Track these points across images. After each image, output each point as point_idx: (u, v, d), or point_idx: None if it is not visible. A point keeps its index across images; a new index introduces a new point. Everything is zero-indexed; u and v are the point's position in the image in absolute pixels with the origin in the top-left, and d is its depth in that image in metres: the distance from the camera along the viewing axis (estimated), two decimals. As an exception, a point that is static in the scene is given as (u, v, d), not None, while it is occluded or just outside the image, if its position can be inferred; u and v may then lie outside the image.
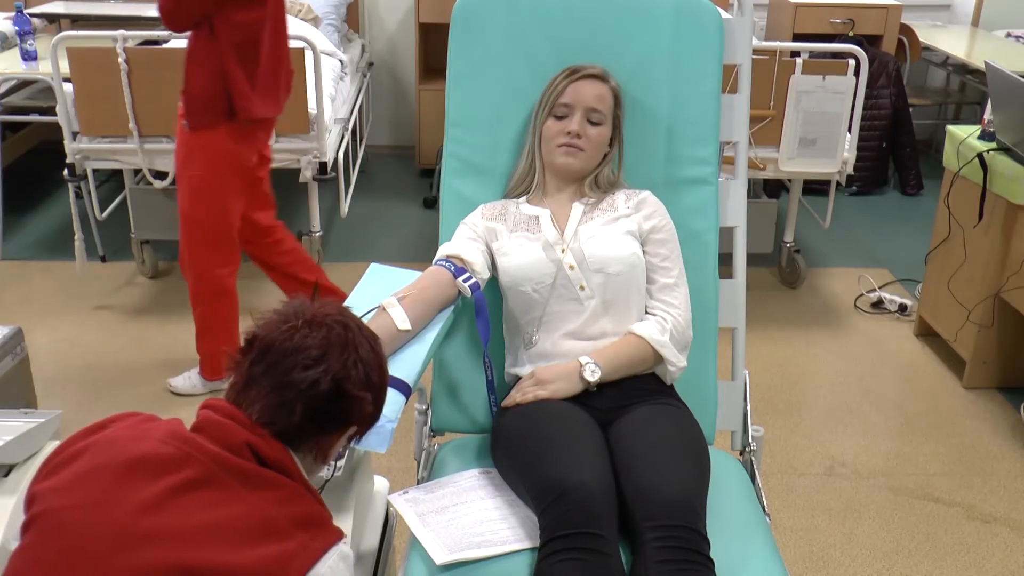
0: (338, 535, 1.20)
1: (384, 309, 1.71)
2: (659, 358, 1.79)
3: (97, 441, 1.18)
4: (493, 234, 1.89)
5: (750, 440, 1.99)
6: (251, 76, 2.66)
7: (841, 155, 3.45)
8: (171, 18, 2.57)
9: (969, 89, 5.39)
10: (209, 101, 2.65)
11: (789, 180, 3.89)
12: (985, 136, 3.05)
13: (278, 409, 1.21)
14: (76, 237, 3.61)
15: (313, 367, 1.21)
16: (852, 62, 3.34)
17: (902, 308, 3.67)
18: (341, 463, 1.57)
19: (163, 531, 1.09)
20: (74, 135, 3.38)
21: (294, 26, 4.05)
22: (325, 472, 1.55)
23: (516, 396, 1.76)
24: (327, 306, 1.28)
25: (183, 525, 1.09)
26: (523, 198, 1.96)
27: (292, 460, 1.22)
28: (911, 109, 4.88)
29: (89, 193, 3.59)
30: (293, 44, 3.36)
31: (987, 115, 3.06)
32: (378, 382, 1.29)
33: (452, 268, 1.81)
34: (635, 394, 1.77)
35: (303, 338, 1.22)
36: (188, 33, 2.60)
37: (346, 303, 1.79)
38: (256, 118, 2.73)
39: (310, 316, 1.25)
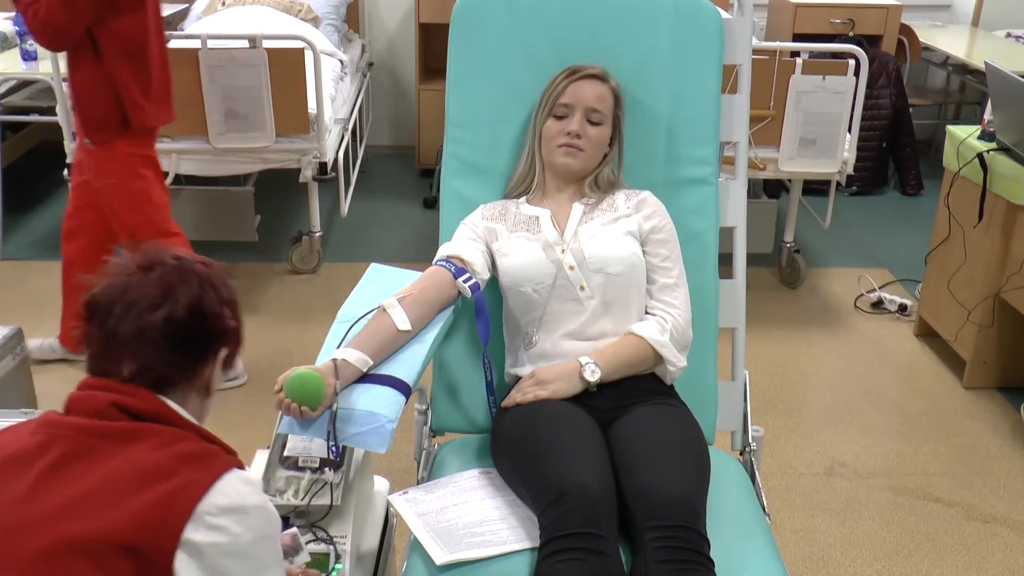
0: (231, 463, 1.16)
1: (384, 309, 1.71)
2: (659, 358, 1.79)
3: None
4: (493, 234, 1.89)
5: (750, 440, 1.99)
6: (144, 85, 2.64)
7: (841, 155, 3.45)
8: (50, 38, 2.52)
9: (969, 89, 5.39)
10: (103, 117, 2.64)
11: (789, 180, 3.89)
12: (985, 136, 3.05)
13: (146, 356, 1.19)
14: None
15: (163, 305, 1.19)
16: (852, 62, 3.34)
17: (902, 308, 3.67)
18: (333, 473, 1.57)
19: (40, 516, 1.08)
20: (74, 135, 3.37)
21: (294, 26, 4.06)
22: (330, 476, 1.55)
23: (516, 396, 1.76)
24: (151, 249, 1.27)
25: (58, 502, 1.09)
26: (523, 198, 1.96)
27: (167, 406, 1.20)
28: (911, 109, 4.88)
29: (89, 193, 3.59)
30: (293, 44, 3.38)
31: (987, 115, 3.06)
32: (229, 297, 1.28)
33: (452, 268, 1.81)
34: (635, 394, 1.77)
35: (140, 284, 1.20)
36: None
37: (346, 303, 1.80)
38: (152, 126, 2.73)
39: (139, 263, 1.23)
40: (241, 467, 1.18)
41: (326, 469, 1.59)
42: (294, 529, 1.52)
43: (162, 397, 1.20)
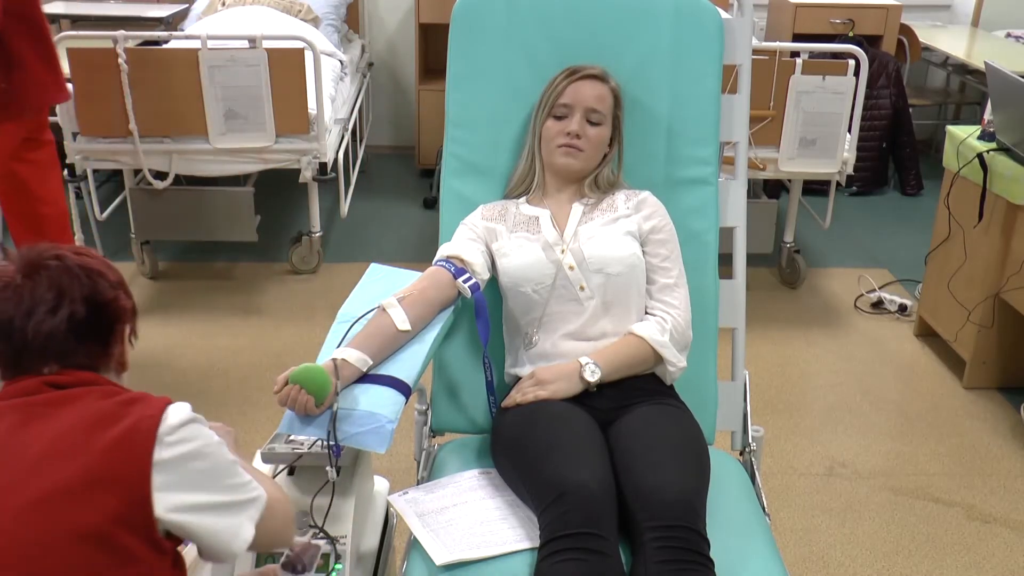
0: (166, 400, 1.24)
1: (384, 309, 1.71)
2: (659, 358, 1.79)
3: None
4: (493, 234, 1.89)
5: (750, 440, 1.99)
6: (46, 58, 2.49)
7: (841, 155, 3.45)
8: None
9: (969, 89, 5.39)
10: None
11: (789, 180, 3.89)
12: (985, 136, 3.05)
13: (62, 354, 1.26)
14: (76, 237, 3.61)
15: (61, 306, 1.25)
16: (852, 62, 3.34)
17: (902, 308, 3.67)
18: (334, 473, 1.57)
19: (14, 475, 1.14)
20: (74, 135, 3.38)
21: (294, 26, 4.06)
22: (330, 476, 1.55)
23: (516, 396, 1.76)
24: (26, 254, 1.29)
25: (26, 461, 1.15)
26: (523, 198, 1.96)
27: (95, 373, 1.29)
28: (911, 109, 4.88)
29: (89, 193, 3.59)
30: (293, 44, 3.38)
31: (987, 115, 3.06)
32: (116, 279, 1.33)
33: (452, 269, 1.81)
34: (635, 394, 1.77)
35: (31, 291, 1.25)
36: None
37: (346, 303, 1.80)
38: (49, 104, 2.60)
39: (22, 271, 1.26)
40: (172, 402, 1.26)
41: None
42: (306, 539, 1.53)
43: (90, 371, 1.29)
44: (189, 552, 1.34)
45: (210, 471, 1.23)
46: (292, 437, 1.66)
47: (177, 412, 1.22)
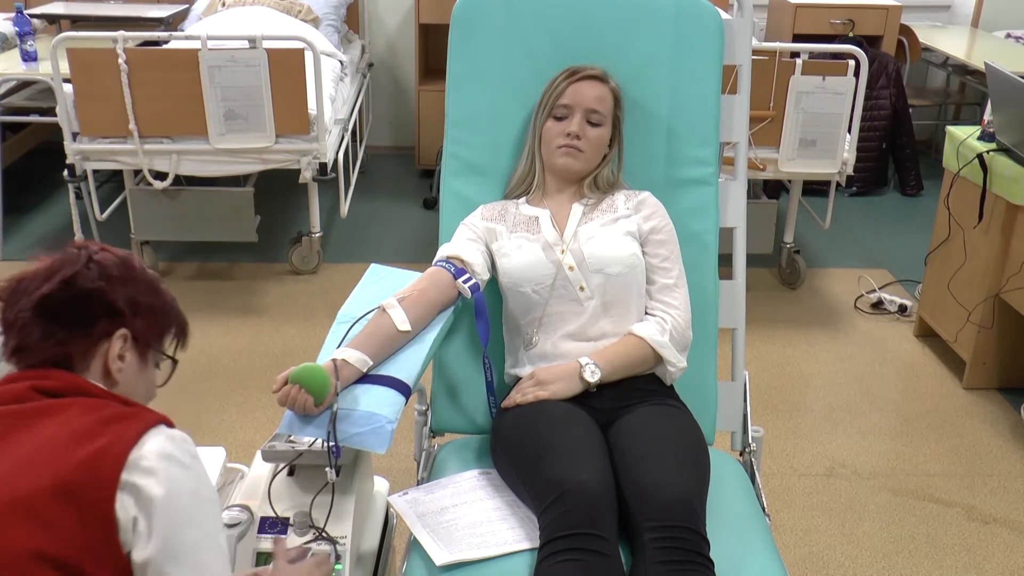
0: (156, 418, 1.18)
1: (384, 310, 1.71)
2: (659, 359, 1.79)
3: None
4: (493, 235, 1.89)
5: (750, 441, 1.99)
6: None
7: (841, 156, 3.45)
8: None
9: (969, 90, 5.39)
10: None
11: (789, 181, 3.89)
12: (985, 137, 3.05)
13: (22, 332, 1.21)
14: (76, 238, 3.61)
15: (44, 284, 1.22)
16: (852, 63, 3.34)
17: (902, 309, 3.67)
18: (333, 474, 1.57)
19: None
20: (74, 136, 3.38)
21: (294, 27, 4.06)
22: (330, 476, 1.55)
23: (516, 397, 1.76)
24: (77, 243, 1.28)
25: (1, 473, 1.10)
26: (523, 199, 1.96)
27: (85, 380, 1.22)
28: (911, 110, 4.88)
29: (89, 194, 3.59)
30: (293, 44, 3.38)
31: (987, 116, 3.06)
32: (124, 280, 1.27)
33: (452, 269, 1.81)
34: (635, 395, 1.77)
35: (38, 268, 1.24)
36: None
37: (346, 303, 1.80)
38: None
39: (49, 250, 1.26)
40: (170, 424, 1.20)
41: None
42: (300, 543, 1.53)
43: (76, 374, 1.23)
44: None
45: (177, 518, 1.13)
46: (292, 437, 1.66)
47: (158, 440, 1.14)
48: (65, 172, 3.41)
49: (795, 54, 3.39)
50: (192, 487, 1.16)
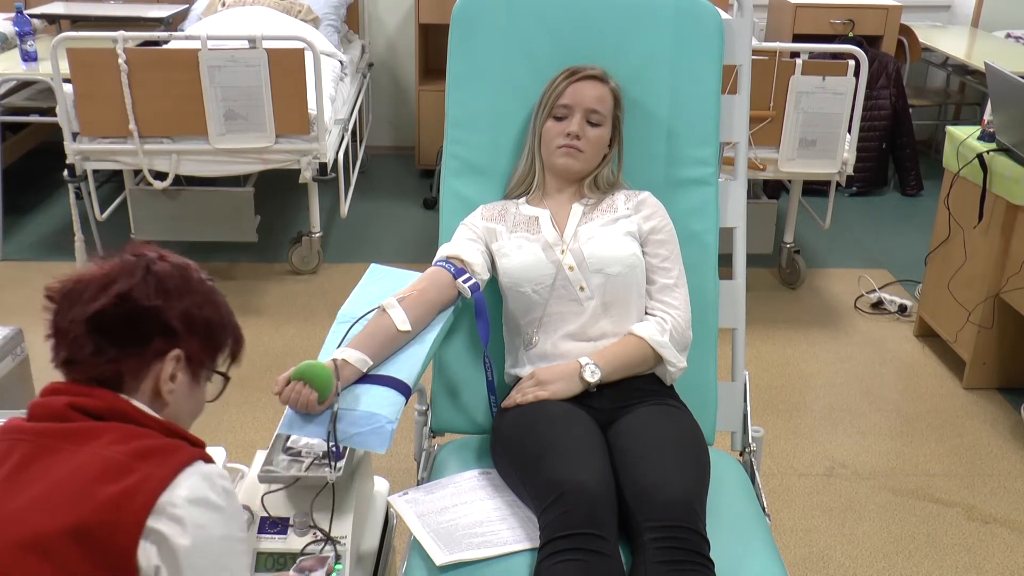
0: (194, 455, 1.13)
1: (384, 310, 1.71)
2: (659, 359, 1.79)
3: None
4: (493, 235, 1.89)
5: (750, 441, 1.99)
6: None
7: (841, 156, 3.45)
8: None
9: (969, 90, 5.39)
10: None
11: (789, 181, 3.89)
12: (985, 137, 3.05)
13: (74, 345, 1.17)
14: (76, 238, 3.61)
15: (100, 296, 1.16)
16: (852, 63, 3.34)
17: (902, 309, 3.67)
18: (341, 463, 1.57)
19: (5, 516, 1.06)
20: (74, 136, 3.38)
21: (294, 27, 4.06)
22: (328, 475, 1.55)
23: (516, 397, 1.76)
24: (132, 247, 1.24)
25: (21, 503, 1.07)
26: (523, 199, 1.96)
27: (126, 402, 1.17)
28: (911, 110, 4.88)
29: (89, 194, 3.59)
30: (293, 44, 3.38)
31: (987, 116, 3.06)
32: (182, 296, 1.22)
33: (452, 269, 1.81)
34: (635, 395, 1.77)
35: (87, 278, 1.18)
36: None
37: (346, 303, 1.80)
38: None
39: (100, 258, 1.21)
40: (207, 459, 1.16)
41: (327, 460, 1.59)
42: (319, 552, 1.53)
43: (124, 396, 1.18)
44: None
45: (199, 564, 1.08)
46: (290, 445, 1.66)
47: (190, 483, 1.09)
48: (65, 172, 3.41)
49: (795, 54, 3.39)
50: (223, 532, 1.12)
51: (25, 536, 1.05)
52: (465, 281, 1.80)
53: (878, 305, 3.73)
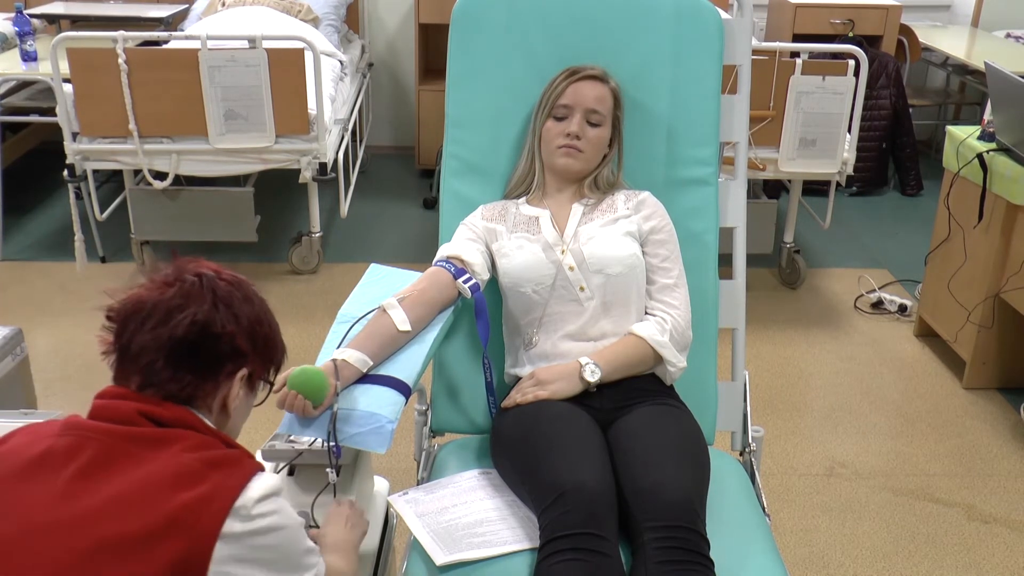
0: (255, 465, 1.20)
1: (384, 310, 1.71)
2: (659, 358, 1.79)
3: None
4: (493, 235, 1.89)
5: (750, 440, 1.99)
6: None
7: (841, 155, 3.45)
8: None
9: (969, 89, 5.39)
10: None
11: (789, 180, 3.89)
12: (985, 137, 3.05)
13: (149, 370, 1.21)
14: (76, 238, 3.61)
15: (168, 322, 1.20)
16: (852, 62, 3.34)
17: (902, 309, 3.67)
18: (334, 474, 1.57)
19: (78, 516, 1.10)
20: (74, 136, 3.38)
21: (294, 26, 4.06)
22: (331, 476, 1.56)
23: (516, 397, 1.76)
24: (184, 264, 1.28)
25: (96, 503, 1.10)
26: (523, 199, 1.96)
27: (193, 415, 1.23)
28: (911, 109, 4.88)
29: (89, 194, 3.59)
30: (293, 44, 3.38)
31: (987, 115, 3.06)
32: (248, 318, 1.27)
33: (452, 269, 1.81)
34: (635, 395, 1.77)
35: (155, 301, 1.22)
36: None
37: (346, 303, 1.80)
38: None
39: (164, 277, 1.25)
40: (263, 470, 1.21)
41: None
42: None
43: (192, 410, 1.23)
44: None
45: (276, 549, 1.18)
46: (292, 437, 1.66)
47: (260, 485, 1.17)
48: (65, 172, 3.41)
49: (795, 54, 3.39)
50: (293, 522, 1.20)
51: (99, 537, 1.08)
52: (465, 281, 1.80)
53: (878, 305, 3.73)
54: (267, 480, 1.18)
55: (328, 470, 1.56)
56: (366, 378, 1.62)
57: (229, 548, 1.12)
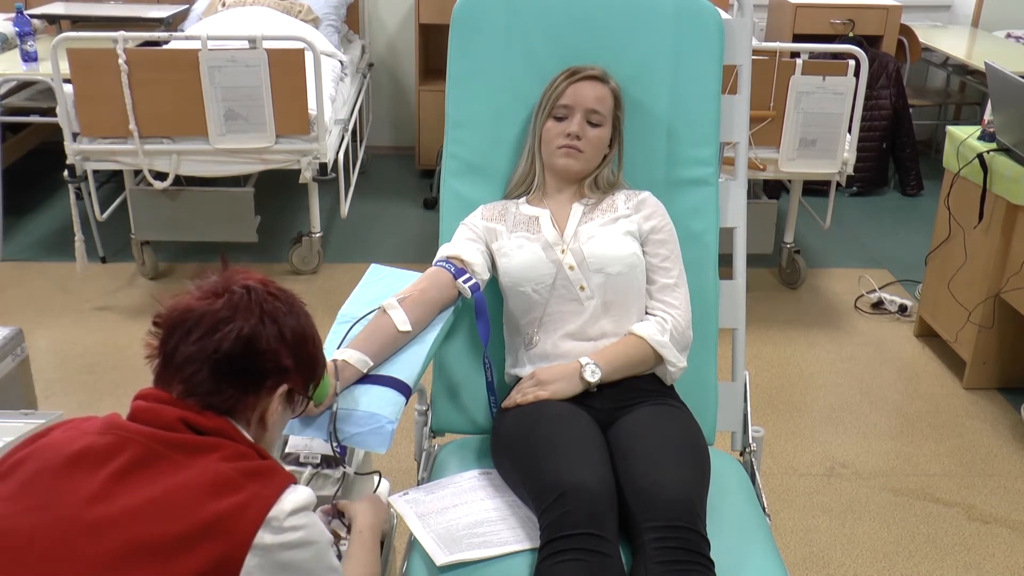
0: (288, 477, 1.21)
1: (384, 310, 1.71)
2: (659, 358, 1.79)
3: (38, 447, 1.19)
4: (493, 235, 1.89)
5: (750, 441, 1.99)
6: None
7: (841, 156, 3.45)
8: None
9: (969, 89, 5.39)
10: None
11: (789, 181, 3.89)
12: (985, 137, 3.05)
13: (192, 380, 1.21)
14: (76, 238, 3.61)
15: (214, 335, 1.21)
16: (852, 63, 3.34)
17: (902, 309, 3.67)
18: (351, 469, 1.58)
19: (113, 516, 1.10)
20: (74, 136, 3.38)
21: (294, 27, 4.06)
22: (346, 468, 1.56)
23: (516, 397, 1.76)
24: (233, 274, 1.29)
25: (131, 504, 1.11)
26: (523, 199, 1.96)
27: (232, 425, 1.23)
28: (911, 110, 4.88)
29: (89, 194, 3.59)
30: (293, 45, 3.38)
31: (987, 116, 3.06)
32: (294, 334, 1.28)
33: (452, 269, 1.81)
34: (635, 395, 1.77)
35: (206, 308, 1.23)
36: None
37: (346, 303, 1.80)
38: None
39: (213, 287, 1.26)
40: (295, 482, 1.22)
41: (326, 466, 1.60)
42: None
43: (232, 421, 1.24)
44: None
45: (301, 564, 1.18)
46: (288, 451, 1.66)
47: (293, 498, 1.17)
48: (65, 172, 3.41)
49: (795, 54, 3.39)
50: (322, 538, 1.21)
51: (132, 539, 1.09)
52: (465, 281, 1.80)
53: (878, 305, 3.73)
54: (300, 493, 1.19)
55: (345, 468, 1.57)
56: (366, 378, 1.63)
57: (257, 559, 1.13)
